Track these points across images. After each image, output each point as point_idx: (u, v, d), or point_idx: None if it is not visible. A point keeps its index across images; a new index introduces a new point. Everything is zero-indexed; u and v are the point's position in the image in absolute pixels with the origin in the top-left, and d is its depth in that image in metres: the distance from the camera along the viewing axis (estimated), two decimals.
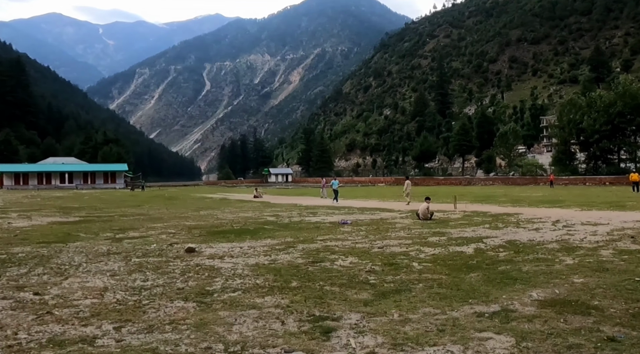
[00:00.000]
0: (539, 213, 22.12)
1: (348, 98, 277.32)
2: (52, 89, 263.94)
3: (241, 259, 10.72)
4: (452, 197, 29.74)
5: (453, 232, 15.34)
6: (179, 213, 24.80)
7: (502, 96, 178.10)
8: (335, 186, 35.16)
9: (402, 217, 21.05)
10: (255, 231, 16.13)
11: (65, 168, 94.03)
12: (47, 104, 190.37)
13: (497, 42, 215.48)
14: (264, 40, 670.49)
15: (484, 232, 15.10)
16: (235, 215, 23.26)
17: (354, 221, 19.55)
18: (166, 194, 52.90)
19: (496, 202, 31.27)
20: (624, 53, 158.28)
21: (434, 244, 12.75)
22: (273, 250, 11.93)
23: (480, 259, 10.40)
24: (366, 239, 13.96)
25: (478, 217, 20.49)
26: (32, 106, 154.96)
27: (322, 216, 22.01)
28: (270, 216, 22.61)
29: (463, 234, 14.83)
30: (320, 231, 16.20)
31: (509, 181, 74.88)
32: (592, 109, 69.62)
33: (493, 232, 15.22)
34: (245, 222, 19.58)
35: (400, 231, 15.95)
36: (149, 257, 10.97)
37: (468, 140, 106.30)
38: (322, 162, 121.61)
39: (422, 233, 15.12)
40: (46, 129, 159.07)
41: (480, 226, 16.94)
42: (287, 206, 29.56)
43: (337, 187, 35.13)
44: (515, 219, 19.33)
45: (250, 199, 39.40)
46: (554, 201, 30.66)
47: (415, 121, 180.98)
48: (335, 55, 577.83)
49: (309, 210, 26.18)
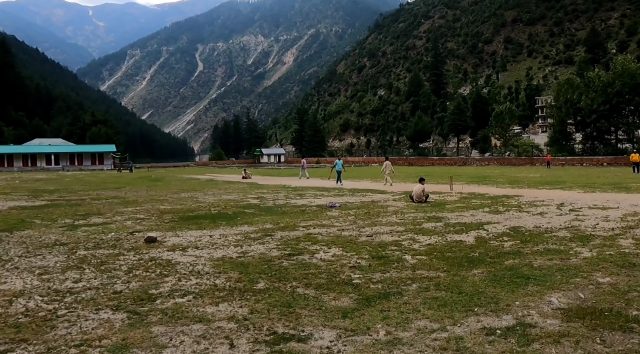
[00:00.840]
0: (540, 195, 20.75)
1: (342, 78, 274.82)
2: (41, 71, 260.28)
3: (207, 251, 9.28)
4: (448, 177, 28.35)
5: (450, 217, 13.93)
6: (158, 196, 23.30)
7: (497, 77, 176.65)
8: (339, 166, 31.63)
9: (394, 200, 19.63)
10: (233, 216, 14.69)
11: (52, 149, 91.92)
12: (36, 86, 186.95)
13: (493, 23, 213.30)
14: (257, 21, 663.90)
15: (484, 217, 13.69)
16: (217, 198, 21.78)
17: (343, 204, 18.12)
18: (153, 176, 51.24)
19: (493, 183, 29.91)
20: (619, 34, 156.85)
21: (430, 231, 11.33)
22: (247, 239, 10.50)
23: (482, 251, 8.99)
24: (354, 225, 12.53)
25: (476, 200, 19.10)
26: (19, 87, 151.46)
27: (309, 199, 20.57)
28: (254, 198, 21.15)
29: (461, 219, 13.42)
30: (304, 215, 14.77)
31: (505, 161, 73.57)
32: (590, 88, 68.14)
33: (494, 217, 13.81)
34: (225, 205, 18.11)
35: (392, 215, 14.53)
36: (98, 249, 9.52)
37: (463, 120, 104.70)
38: (314, 142, 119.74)
39: (416, 218, 13.70)
40: (35, 110, 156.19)
41: (479, 210, 15.54)
42: (274, 188, 28.09)
43: (342, 168, 31.83)
44: (516, 202, 17.94)
45: (238, 180, 37.88)
46: (554, 182, 29.30)
47: (409, 101, 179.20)
48: (329, 36, 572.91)
49: (297, 192, 24.73)
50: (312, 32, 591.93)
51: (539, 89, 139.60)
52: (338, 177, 30.88)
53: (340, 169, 31.33)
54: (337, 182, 30.30)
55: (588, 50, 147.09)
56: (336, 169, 31.50)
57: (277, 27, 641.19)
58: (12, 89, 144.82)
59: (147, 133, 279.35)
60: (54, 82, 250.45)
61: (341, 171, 31.33)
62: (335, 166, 32.14)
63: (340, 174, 31.07)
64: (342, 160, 33.47)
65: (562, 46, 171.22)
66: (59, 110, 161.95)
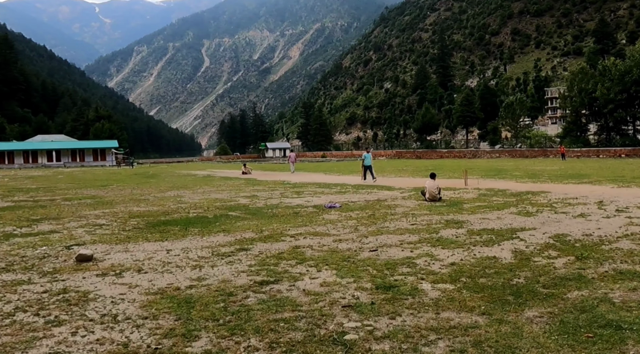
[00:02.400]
0: (569, 191, 18.21)
1: (348, 72, 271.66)
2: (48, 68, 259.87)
3: (150, 276, 6.87)
4: (462, 171, 25.88)
5: (472, 220, 11.45)
6: (141, 195, 20.92)
7: (505, 68, 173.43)
8: (368, 160, 26.66)
9: (404, 198, 17.16)
10: (211, 221, 12.29)
11: (53, 146, 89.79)
12: (42, 83, 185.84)
13: (499, 14, 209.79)
14: (262, 16, 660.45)
15: (515, 221, 11.21)
16: (205, 197, 19.37)
17: (344, 203, 15.68)
18: (151, 172, 48.95)
19: (510, 176, 27.32)
20: (629, 25, 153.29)
21: (451, 242, 8.87)
22: (213, 256, 8.09)
23: (529, 274, 6.55)
24: (355, 233, 10.10)
25: (497, 197, 16.60)
26: (22, 84, 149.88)
27: (307, 197, 18.12)
28: (246, 197, 18.72)
29: (487, 223, 10.94)
30: (297, 219, 12.33)
31: (517, 153, 70.75)
32: (606, 77, 65.15)
33: (526, 220, 11.33)
34: (209, 206, 15.70)
35: (401, 218, 12.07)
36: (5, 272, 7.12)
37: (472, 111, 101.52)
38: (320, 135, 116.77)
39: (432, 223, 11.23)
40: (41, 107, 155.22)
41: (505, 211, 13.06)
42: (272, 184, 25.65)
43: (371, 162, 26.92)
44: (546, 200, 15.43)
45: (237, 176, 35.53)
46: (577, 176, 26.69)
47: (416, 93, 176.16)
48: (334, 30, 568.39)
49: (295, 189, 22.30)
50: (318, 27, 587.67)
51: (547, 81, 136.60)
52: (370, 172, 26.43)
53: (370, 163, 26.70)
54: (364, 179, 26.24)
55: (597, 41, 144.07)
56: (365, 164, 26.77)
57: (283, 22, 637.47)
58: (15, 86, 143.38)
59: (154, 129, 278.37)
60: (62, 79, 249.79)
61: (371, 165, 26.73)
62: (364, 159, 27.20)
63: (371, 169, 26.60)
64: (370, 153, 27.96)
65: (571, 37, 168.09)
66: (65, 107, 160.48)
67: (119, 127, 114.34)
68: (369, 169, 26.45)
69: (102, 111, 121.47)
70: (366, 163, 26.61)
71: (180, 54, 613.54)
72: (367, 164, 26.55)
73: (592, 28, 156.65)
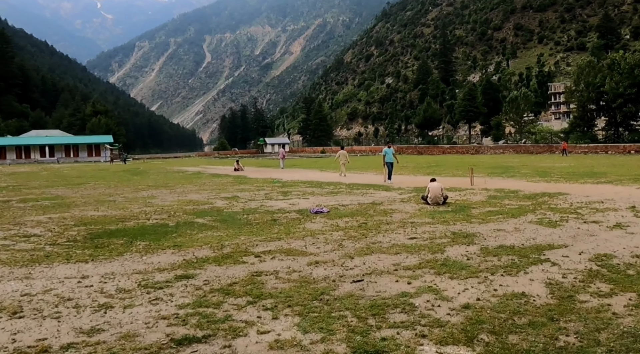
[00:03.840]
0: (590, 192, 16.06)
1: (349, 67, 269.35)
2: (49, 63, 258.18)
3: (23, 323, 4.77)
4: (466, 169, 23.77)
5: (485, 232, 9.33)
6: (110, 195, 18.79)
7: (508, 64, 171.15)
8: (390, 156, 22.97)
9: (402, 201, 15.00)
10: (168, 231, 10.19)
11: (46, 141, 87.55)
12: (42, 78, 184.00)
13: (502, 9, 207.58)
14: (264, 12, 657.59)
15: (538, 234, 9.09)
16: (180, 198, 17.23)
17: (333, 207, 13.56)
18: (141, 168, 46.85)
19: (519, 175, 25.15)
20: (633, 20, 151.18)
21: (461, 267, 6.75)
22: (139, 288, 5.99)
23: (581, 328, 4.44)
24: (338, 251, 7.99)
25: (510, 200, 14.47)
26: (19, 78, 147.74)
27: (294, 199, 15.99)
28: (225, 199, 16.57)
29: (504, 237, 8.82)
30: (272, 230, 10.22)
31: (521, 149, 68.48)
32: (614, 71, 62.80)
33: (552, 232, 9.21)
34: (177, 211, 13.59)
35: (398, 229, 9.95)
36: None
37: (475, 106, 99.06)
38: (320, 131, 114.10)
39: (435, 236, 9.11)
40: (40, 102, 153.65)
41: (522, 218, 10.94)
42: (260, 183, 23.52)
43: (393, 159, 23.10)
44: (567, 204, 13.31)
45: (228, 173, 33.44)
46: (592, 174, 24.50)
47: (418, 89, 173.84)
48: (336, 26, 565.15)
49: (284, 188, 20.16)
50: (319, 22, 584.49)
51: (550, 76, 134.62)
52: (389, 172, 23.00)
53: (392, 159, 23.06)
54: (388, 179, 22.72)
55: (601, 36, 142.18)
56: (386, 160, 23.09)
57: (284, 18, 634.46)
58: (12, 80, 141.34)
59: (155, 124, 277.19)
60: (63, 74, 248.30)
61: (393, 162, 23.17)
62: (385, 155, 23.25)
63: (391, 167, 23.17)
64: (392, 148, 23.90)
65: (574, 32, 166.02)
66: (65, 102, 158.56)
67: (116, 122, 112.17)
68: (389, 167, 22.99)
69: (100, 106, 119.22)
70: (388, 159, 22.96)
71: (182, 50, 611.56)
72: (389, 161, 22.91)
73: (595, 23, 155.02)
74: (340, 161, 28.35)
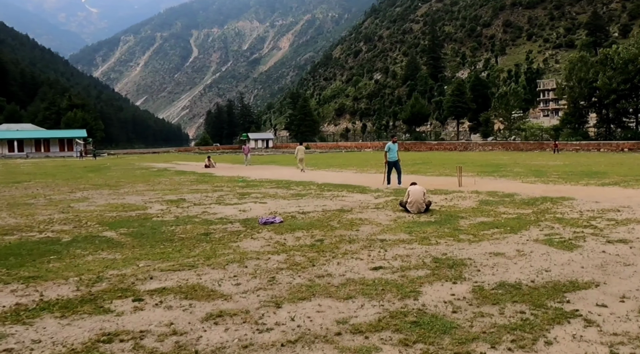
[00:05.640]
0: (598, 196, 13.60)
1: (338, 63, 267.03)
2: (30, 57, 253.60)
3: None
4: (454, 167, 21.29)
5: (477, 257, 6.80)
6: (33, 197, 16.07)
7: (496, 60, 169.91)
8: (394, 154, 18.39)
9: (377, 206, 12.42)
10: (48, 252, 7.60)
11: (14, 135, 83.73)
12: (20, 71, 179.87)
13: (491, 6, 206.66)
14: (252, 7, 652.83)
15: (550, 261, 6.58)
16: (113, 201, 14.54)
17: (291, 215, 10.99)
18: (108, 164, 43.94)
19: (512, 174, 22.69)
20: (622, 18, 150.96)
21: (443, 329, 4.19)
22: None
23: None
24: (267, 288, 5.43)
25: (505, 207, 11.98)
26: None
27: (249, 203, 13.37)
28: (165, 203, 13.89)
29: (504, 267, 6.28)
30: (193, 250, 7.62)
31: (511, 146, 66.21)
32: (607, 66, 60.64)
33: (569, 259, 6.69)
34: (91, 219, 10.95)
35: (361, 250, 7.39)
36: None
37: (463, 102, 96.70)
38: (304, 126, 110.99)
39: (409, 263, 6.54)
40: (18, 95, 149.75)
41: (524, 234, 8.47)
42: (222, 182, 20.85)
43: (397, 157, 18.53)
44: (576, 212, 10.87)
45: (196, 170, 30.75)
46: (592, 174, 22.08)
47: (406, 85, 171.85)
48: (325, 21, 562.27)
49: (246, 189, 17.52)
50: (308, 18, 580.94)
51: (539, 73, 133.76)
52: (397, 171, 18.31)
53: (396, 157, 18.41)
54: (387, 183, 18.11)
55: (589, 34, 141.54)
56: (389, 159, 18.33)
57: (273, 13, 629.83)
58: None
59: (139, 119, 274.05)
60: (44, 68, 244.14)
61: (398, 160, 18.48)
62: (388, 151, 18.43)
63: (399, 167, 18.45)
64: (397, 143, 19.27)
65: (563, 30, 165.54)
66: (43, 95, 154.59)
67: (93, 116, 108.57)
68: (395, 166, 18.28)
69: (76, 99, 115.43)
70: (391, 157, 18.24)
71: (168, 44, 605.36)
72: (393, 159, 18.24)
73: (584, 21, 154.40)
74: (298, 157, 27.77)
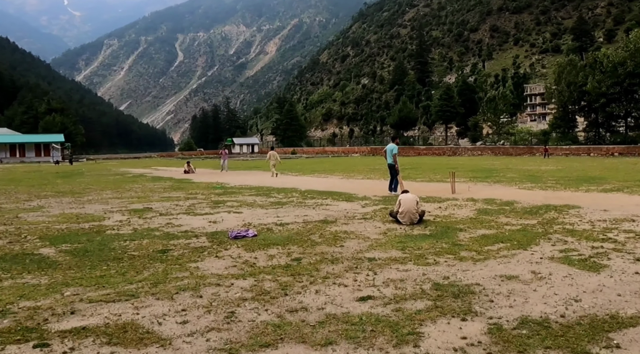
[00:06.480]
0: (605, 204, 12.42)
1: (325, 68, 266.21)
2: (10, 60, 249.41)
3: None
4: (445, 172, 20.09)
5: (487, 283, 5.51)
6: None
7: (484, 65, 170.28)
8: (390, 157, 16.52)
9: (364, 217, 11.11)
10: None
11: None
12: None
13: (478, 11, 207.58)
14: (239, 11, 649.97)
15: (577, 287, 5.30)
16: (68, 211, 13.11)
17: (267, 228, 9.65)
18: (83, 169, 42.29)
19: (506, 180, 21.52)
20: (607, 23, 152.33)
21: None
22: None
23: None
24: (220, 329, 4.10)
25: (507, 216, 10.75)
26: None
27: (222, 213, 12.01)
28: (128, 213, 12.48)
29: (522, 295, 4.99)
30: (141, 272, 6.27)
31: (500, 150, 65.40)
32: (597, 69, 59.98)
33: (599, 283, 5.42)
34: (34, 233, 9.58)
35: (346, 273, 6.08)
36: None
37: (452, 106, 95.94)
38: (291, 131, 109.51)
39: (405, 291, 5.23)
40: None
41: (534, 249, 7.24)
42: (198, 189, 19.44)
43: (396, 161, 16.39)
44: (587, 223, 9.69)
45: (173, 176, 29.32)
46: (590, 179, 20.95)
47: (393, 90, 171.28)
48: (312, 26, 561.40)
49: (223, 196, 16.15)
50: (296, 22, 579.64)
51: (526, 78, 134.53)
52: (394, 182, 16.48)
53: (392, 161, 16.49)
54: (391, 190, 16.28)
55: (575, 39, 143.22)
56: (387, 162, 16.77)
57: (260, 17, 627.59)
58: None
59: (123, 123, 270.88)
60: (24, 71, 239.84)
61: (394, 164, 16.41)
62: (385, 153, 17.04)
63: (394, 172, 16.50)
64: (396, 145, 17.04)
65: (549, 35, 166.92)
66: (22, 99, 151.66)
67: (73, 120, 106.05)
68: (390, 171, 16.74)
69: (55, 103, 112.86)
70: (390, 161, 16.53)
71: (153, 48, 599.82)
72: (390, 163, 16.56)
73: (570, 26, 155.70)
74: (270, 162, 27.26)
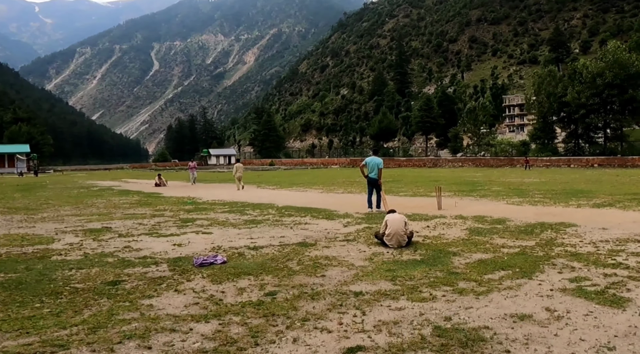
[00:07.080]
0: (602, 221, 11.60)
1: (304, 78, 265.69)
2: None
3: None
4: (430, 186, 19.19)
5: (497, 326, 4.51)
6: None
7: (462, 76, 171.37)
8: (373, 170, 14.87)
9: (346, 238, 10.07)
10: None
11: None
12: None
13: (457, 22, 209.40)
14: (217, 20, 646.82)
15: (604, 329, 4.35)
16: (14, 231, 11.90)
17: (238, 252, 8.59)
18: (47, 181, 40.63)
19: (492, 194, 20.67)
20: (582, 34, 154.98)
21: None
22: None
23: None
24: None
25: (500, 237, 9.84)
26: None
27: (189, 234, 10.89)
28: (82, 234, 11.30)
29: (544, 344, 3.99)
30: (80, 313, 5.14)
31: (481, 162, 65.10)
32: (576, 80, 60.08)
33: (628, 323, 4.45)
34: None
35: (329, 312, 5.05)
36: None
37: (432, 117, 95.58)
38: (269, 142, 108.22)
39: (401, 338, 4.20)
40: None
41: (540, 278, 6.33)
42: (167, 204, 18.26)
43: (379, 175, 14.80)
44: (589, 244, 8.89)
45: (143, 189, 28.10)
46: (577, 193, 20.22)
47: (373, 100, 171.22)
48: (292, 36, 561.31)
49: (193, 213, 15.03)
50: (275, 32, 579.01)
51: (504, 88, 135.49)
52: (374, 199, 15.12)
53: (375, 176, 14.83)
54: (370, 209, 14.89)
55: (552, 50, 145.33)
56: (369, 175, 15.01)
57: (238, 26, 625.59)
58: None
59: (95, 134, 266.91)
60: None
61: (376, 179, 14.82)
62: (365, 165, 15.17)
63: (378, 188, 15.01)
64: (380, 158, 15.49)
65: (527, 46, 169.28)
66: None
67: (40, 130, 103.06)
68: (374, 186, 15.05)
69: (22, 112, 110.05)
70: (371, 174, 14.93)
71: (128, 57, 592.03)
72: (373, 177, 14.87)
73: (547, 37, 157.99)
74: (236, 175, 27.17)
